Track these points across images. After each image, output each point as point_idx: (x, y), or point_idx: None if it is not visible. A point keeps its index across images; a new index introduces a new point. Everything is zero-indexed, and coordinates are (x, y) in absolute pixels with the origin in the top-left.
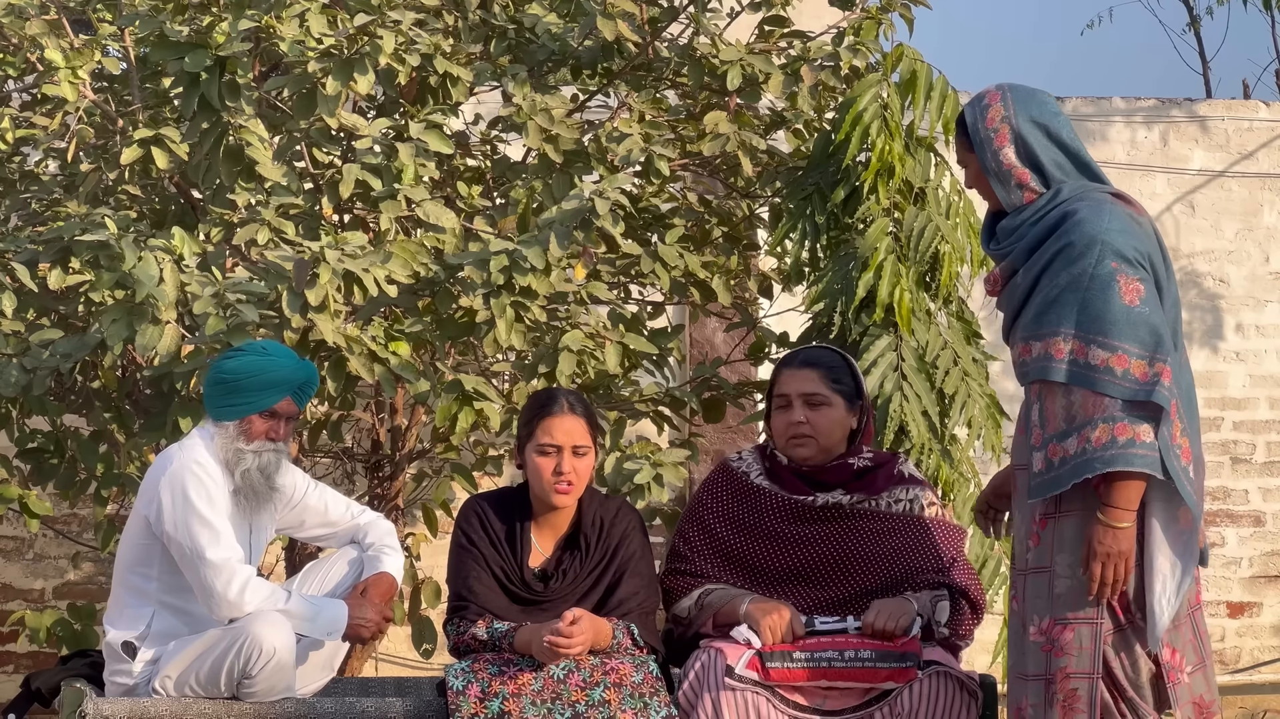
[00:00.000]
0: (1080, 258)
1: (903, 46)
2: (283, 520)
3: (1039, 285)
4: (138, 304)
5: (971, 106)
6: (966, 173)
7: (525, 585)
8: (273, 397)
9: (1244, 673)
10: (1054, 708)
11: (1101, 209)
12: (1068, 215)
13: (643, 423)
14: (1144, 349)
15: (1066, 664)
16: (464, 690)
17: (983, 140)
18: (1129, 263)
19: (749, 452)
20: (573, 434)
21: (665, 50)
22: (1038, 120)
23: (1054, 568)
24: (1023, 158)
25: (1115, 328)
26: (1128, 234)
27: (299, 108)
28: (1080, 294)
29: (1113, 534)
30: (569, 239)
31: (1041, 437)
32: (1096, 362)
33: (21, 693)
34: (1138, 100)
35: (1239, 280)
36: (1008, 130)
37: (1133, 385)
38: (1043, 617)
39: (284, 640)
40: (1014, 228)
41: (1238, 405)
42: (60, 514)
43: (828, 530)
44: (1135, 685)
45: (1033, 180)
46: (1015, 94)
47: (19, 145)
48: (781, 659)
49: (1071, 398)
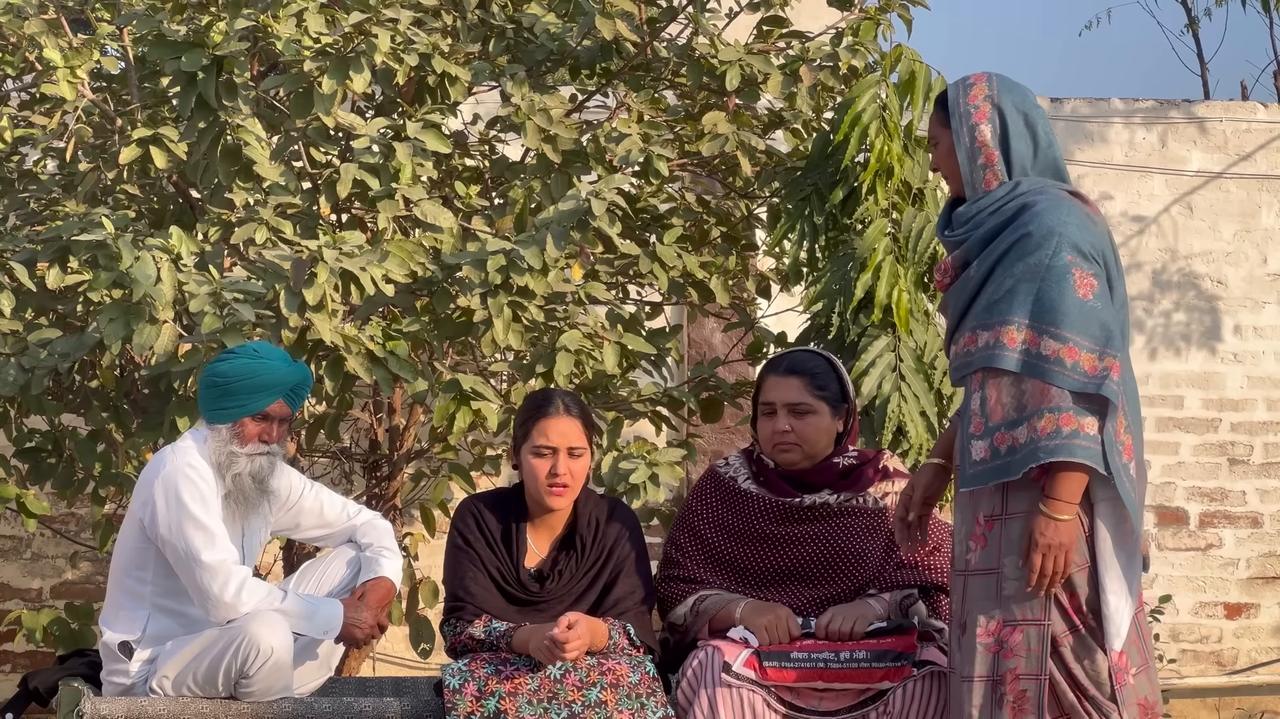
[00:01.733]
0: (1037, 249)
1: (901, 47)
2: (278, 522)
3: (993, 275)
4: (135, 303)
5: (956, 85)
6: (935, 151)
7: (521, 586)
8: (265, 399)
9: (1241, 674)
10: (1003, 709)
11: (1060, 204)
12: (1026, 207)
13: (641, 423)
14: (1095, 343)
15: (1016, 665)
16: (460, 690)
17: (962, 114)
18: (1084, 257)
19: (736, 456)
20: (568, 436)
21: (664, 50)
22: (1020, 107)
23: (1002, 569)
24: (996, 140)
25: (1068, 319)
26: (1084, 229)
27: (296, 107)
28: (1035, 284)
29: (1054, 526)
30: (566, 239)
31: (983, 425)
32: (1048, 352)
33: (19, 692)
34: (1136, 101)
35: (1237, 282)
36: (989, 109)
37: (1081, 378)
38: (990, 618)
39: (281, 640)
40: (971, 215)
41: (1235, 407)
42: (58, 513)
43: (817, 530)
44: (1098, 684)
45: (999, 164)
46: (1001, 80)
47: (17, 144)
48: (779, 659)
49: (1022, 387)
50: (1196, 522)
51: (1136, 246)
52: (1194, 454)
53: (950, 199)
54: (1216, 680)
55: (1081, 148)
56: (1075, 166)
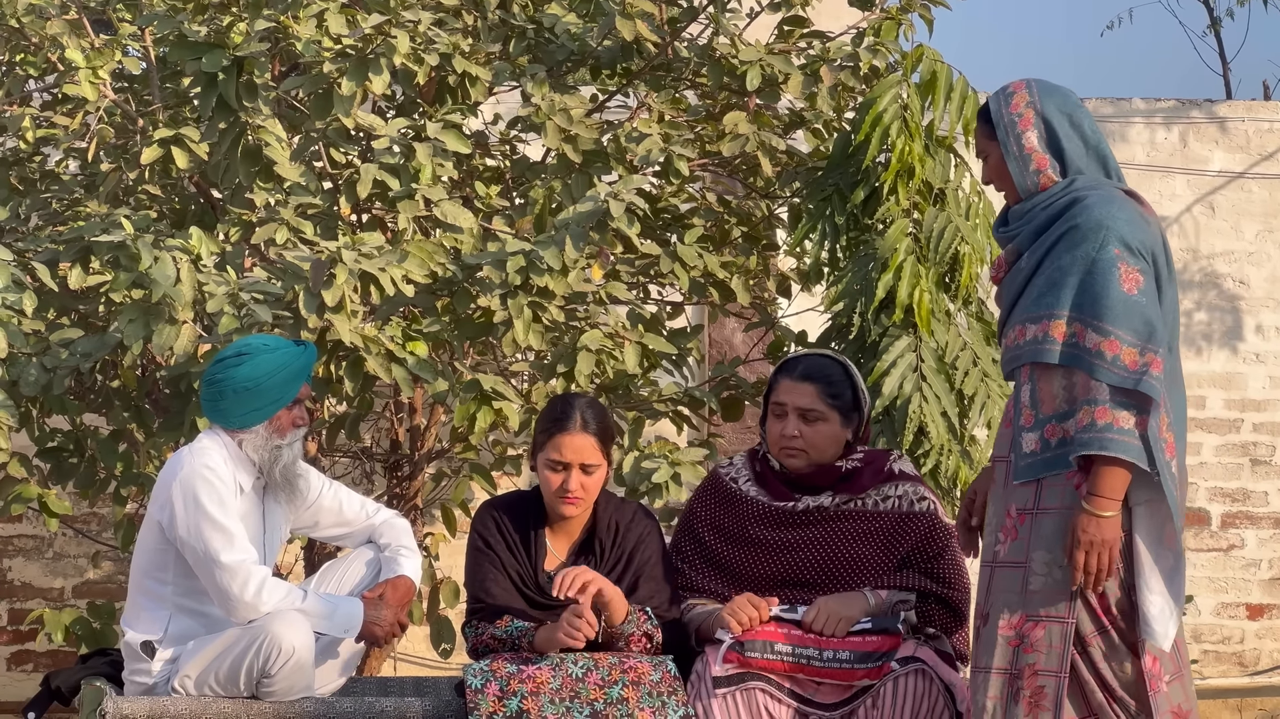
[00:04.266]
0: (1084, 241)
1: (922, 47)
2: (298, 520)
3: (1042, 267)
4: (154, 304)
5: (996, 96)
6: (985, 165)
7: (540, 590)
8: (295, 387)
9: (1263, 675)
10: (1018, 704)
11: (1112, 199)
12: (1076, 200)
13: (662, 423)
14: (1137, 337)
15: (1035, 661)
16: (482, 689)
17: (1007, 125)
18: (1131, 252)
19: (740, 456)
20: (582, 453)
21: (684, 50)
22: (1063, 109)
23: (1030, 564)
24: (1044, 144)
25: (1111, 312)
26: (1134, 225)
27: (316, 108)
28: (1080, 277)
29: (1096, 523)
30: (585, 240)
31: (1034, 418)
32: (1091, 345)
33: (41, 691)
34: (1158, 101)
35: (1259, 282)
36: (1033, 115)
37: (1121, 372)
38: (1014, 611)
39: (303, 640)
40: (1025, 211)
41: (1257, 407)
42: (80, 513)
43: (811, 534)
44: (1126, 686)
45: (1051, 168)
46: (1041, 85)
47: (40, 145)
48: (763, 650)
49: (1072, 379)
50: (1218, 522)
51: None
52: (1216, 455)
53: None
54: (1238, 681)
55: None
56: None
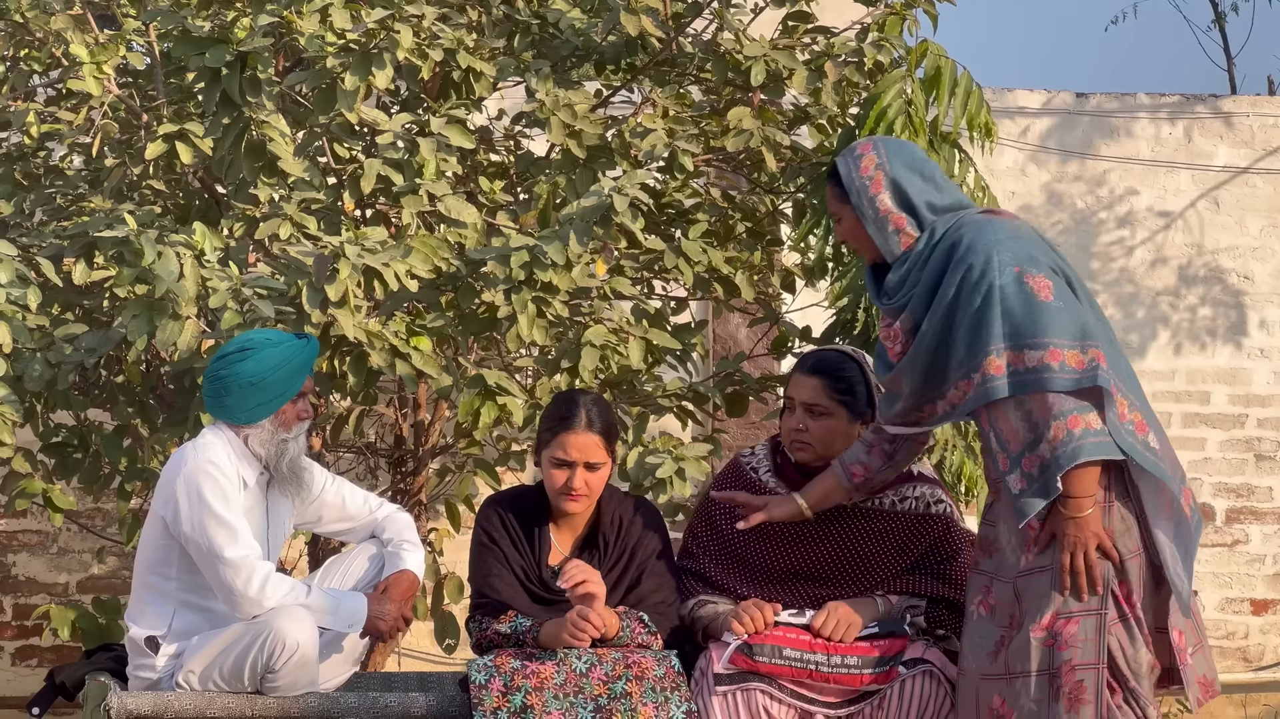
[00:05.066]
0: (982, 277)
1: (927, 42)
2: (301, 516)
3: (955, 320)
4: (158, 300)
5: (844, 158)
6: (839, 226)
7: (544, 585)
8: (299, 380)
9: (1268, 670)
10: (1059, 701)
11: (984, 226)
12: (955, 245)
13: (666, 418)
14: (1072, 338)
15: (1071, 657)
16: (486, 684)
17: (859, 188)
18: (1029, 262)
19: (762, 446)
20: (586, 451)
21: (689, 46)
22: (910, 166)
23: (1054, 565)
24: (898, 203)
25: (1039, 325)
26: (1019, 240)
27: (319, 103)
28: (996, 308)
29: (1076, 524)
30: (589, 235)
31: (1008, 459)
32: (1034, 364)
33: (46, 687)
34: (1162, 96)
35: (1263, 277)
36: (883, 177)
37: (1074, 375)
38: (1043, 613)
39: (307, 635)
40: (905, 277)
41: (1262, 402)
42: (84, 508)
43: (828, 530)
44: (1137, 677)
45: (908, 224)
46: (887, 145)
47: (44, 140)
48: (771, 654)
49: (1026, 407)
50: (1223, 518)
51: (1162, 241)
52: (1220, 450)
53: (869, 267)
54: (1243, 677)
55: (1107, 143)
56: (1100, 162)
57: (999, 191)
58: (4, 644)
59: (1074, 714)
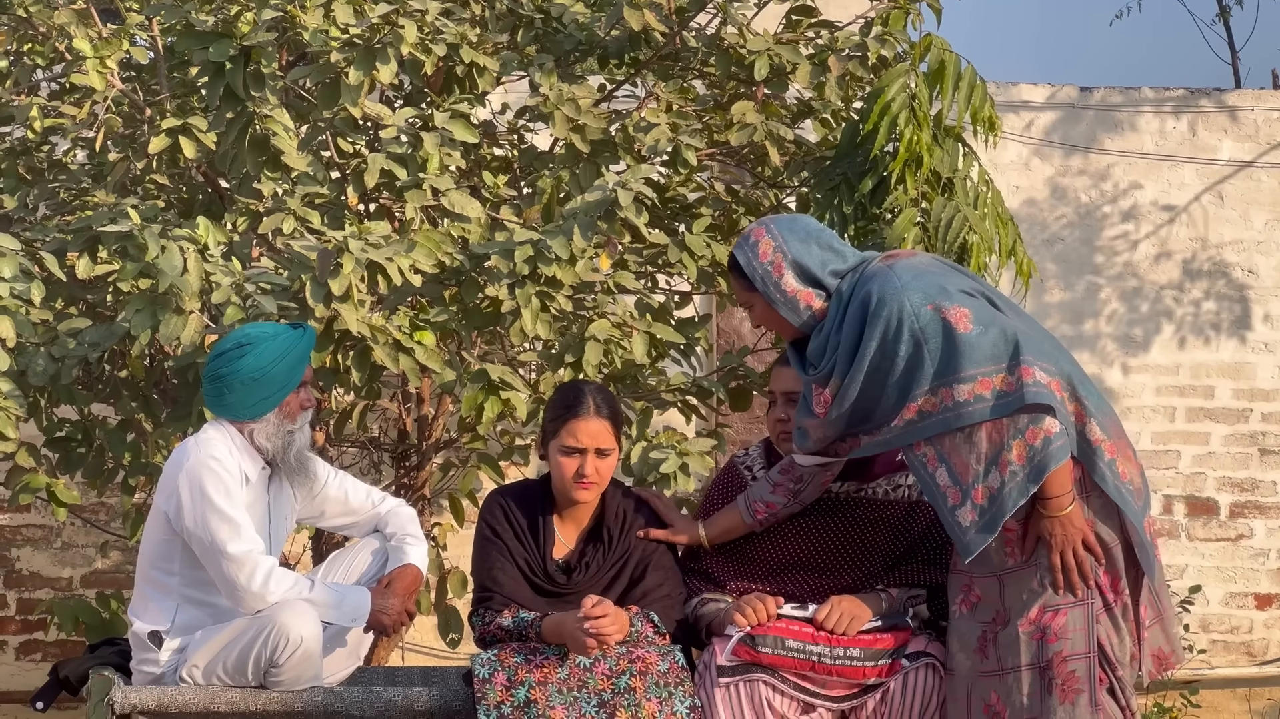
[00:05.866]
0: (900, 324)
1: (931, 36)
2: (304, 510)
3: (884, 373)
4: (161, 294)
5: (740, 248)
6: (751, 313)
7: (548, 577)
8: (300, 371)
9: (1272, 664)
10: (1052, 693)
11: (888, 275)
12: (865, 301)
13: (670, 412)
14: (996, 363)
15: (1062, 649)
16: (490, 679)
17: (763, 276)
18: (941, 296)
19: (756, 447)
20: (597, 437)
21: (692, 40)
22: (805, 240)
23: (1039, 561)
24: (803, 280)
25: (962, 359)
26: (922, 277)
27: (323, 97)
28: (922, 350)
29: (1060, 523)
30: (592, 230)
31: (960, 492)
32: (967, 396)
33: (49, 681)
34: (1166, 90)
35: (1268, 271)
36: (782, 259)
37: (1008, 399)
38: (1030, 608)
39: (311, 629)
40: (824, 344)
41: (1266, 396)
42: (88, 503)
43: (823, 522)
44: (1122, 665)
45: (817, 299)
46: (778, 224)
47: (47, 135)
48: (774, 645)
49: (973, 439)
50: (1227, 512)
51: (1166, 235)
52: (1224, 444)
53: (789, 345)
54: (1247, 671)
55: (1111, 137)
56: (1105, 156)
57: (1003, 186)
58: (8, 639)
59: (1069, 705)
